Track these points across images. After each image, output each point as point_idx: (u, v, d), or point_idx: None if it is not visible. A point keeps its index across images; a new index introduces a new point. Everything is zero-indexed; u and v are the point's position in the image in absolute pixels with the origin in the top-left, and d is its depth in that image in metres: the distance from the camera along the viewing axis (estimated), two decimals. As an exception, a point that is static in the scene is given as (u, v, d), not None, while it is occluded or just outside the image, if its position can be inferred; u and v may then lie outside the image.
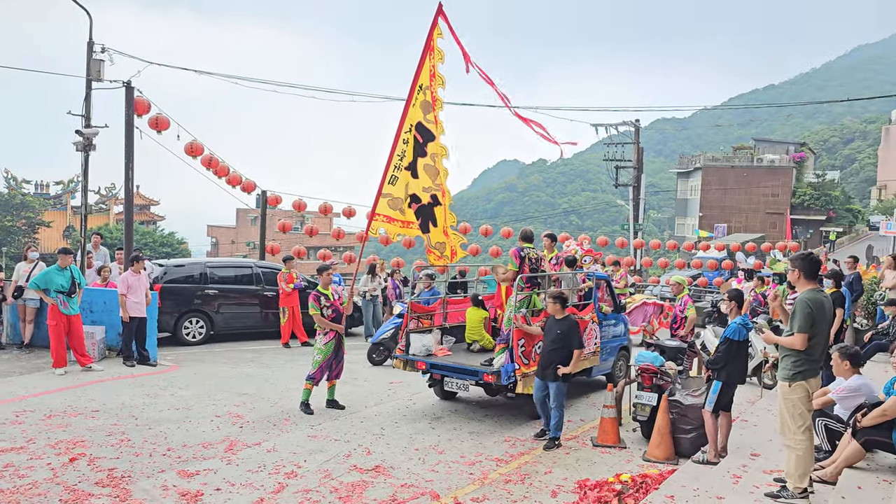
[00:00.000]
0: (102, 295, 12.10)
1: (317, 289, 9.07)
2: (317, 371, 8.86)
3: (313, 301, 8.87)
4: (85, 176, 13.78)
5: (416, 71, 8.96)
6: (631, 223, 28.78)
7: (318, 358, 8.86)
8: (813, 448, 5.37)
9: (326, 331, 8.87)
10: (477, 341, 9.78)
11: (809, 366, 5.33)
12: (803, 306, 5.27)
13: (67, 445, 7.09)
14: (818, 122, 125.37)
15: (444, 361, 9.06)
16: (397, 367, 9.47)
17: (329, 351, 8.84)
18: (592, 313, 9.79)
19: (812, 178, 65.39)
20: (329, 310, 8.90)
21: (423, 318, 9.90)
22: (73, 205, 46.18)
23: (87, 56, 13.35)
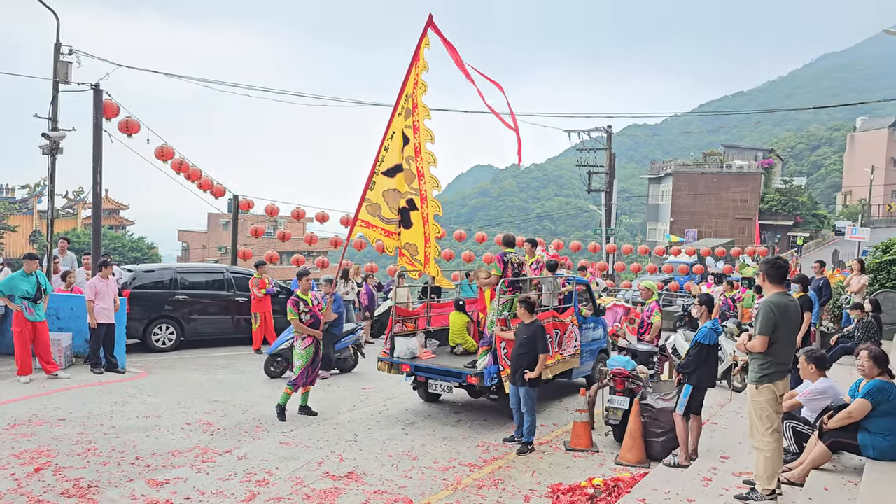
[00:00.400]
0: (69, 301, 11.88)
1: (296, 294, 8.99)
2: (299, 376, 8.77)
3: (292, 306, 8.81)
4: (51, 180, 13.53)
5: (404, 80, 8.96)
6: (603, 228, 29.03)
7: (299, 364, 8.78)
8: (781, 450, 5.45)
9: (304, 336, 8.80)
10: (460, 344, 9.95)
11: (776, 368, 5.41)
12: (766, 310, 5.39)
13: (32, 455, 6.94)
14: (785, 128, 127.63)
15: (429, 364, 9.24)
16: (382, 370, 9.52)
17: (309, 356, 8.77)
18: (573, 317, 9.94)
19: (780, 183, 66.50)
20: (307, 315, 8.83)
21: (407, 322, 10.02)
22: (39, 209, 45.28)
23: (55, 58, 13.12)
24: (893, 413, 5.59)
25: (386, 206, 9.16)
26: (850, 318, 11.96)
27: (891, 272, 14.90)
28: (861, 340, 10.41)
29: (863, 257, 17.34)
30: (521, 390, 7.86)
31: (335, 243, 20.45)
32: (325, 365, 10.89)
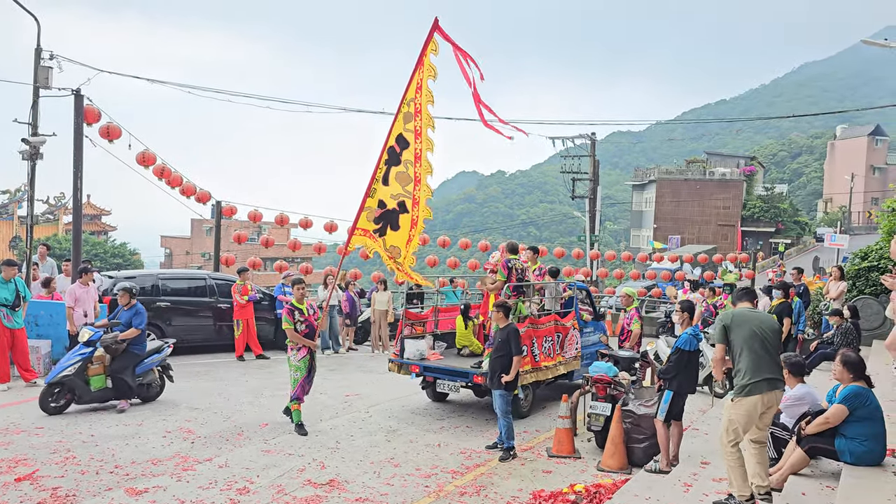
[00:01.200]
0: (48, 308, 11.75)
1: (291, 302, 8.70)
2: (298, 389, 8.52)
3: (287, 315, 8.51)
4: (31, 185, 13.41)
5: (407, 85, 8.88)
6: (587, 234, 29.16)
7: (296, 376, 8.51)
8: (742, 461, 5.42)
9: (299, 347, 8.52)
10: (466, 346, 10.42)
11: (753, 380, 5.35)
12: (719, 318, 5.47)
13: (9, 464, 6.86)
14: (767, 136, 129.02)
15: (437, 364, 9.71)
16: (393, 371, 9.99)
17: (305, 367, 8.51)
18: (574, 321, 10.46)
19: (761, 191, 67.21)
20: (303, 325, 8.54)
21: (416, 325, 10.59)
22: (19, 214, 44.73)
23: (35, 63, 13.02)
24: (870, 418, 5.66)
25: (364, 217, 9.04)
26: (830, 324, 12.10)
27: (869, 279, 15.09)
28: (840, 346, 10.53)
29: (842, 264, 17.55)
30: (495, 394, 7.93)
31: (319, 249, 20.38)
32: (123, 393, 9.30)
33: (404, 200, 9.13)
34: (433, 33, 8.80)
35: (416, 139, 9.02)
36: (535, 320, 9.67)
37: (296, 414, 8.57)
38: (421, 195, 9.11)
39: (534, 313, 9.73)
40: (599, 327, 12.00)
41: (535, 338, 9.55)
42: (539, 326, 9.72)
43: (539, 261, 11.19)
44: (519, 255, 10.07)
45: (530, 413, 9.99)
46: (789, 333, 10.98)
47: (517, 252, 9.97)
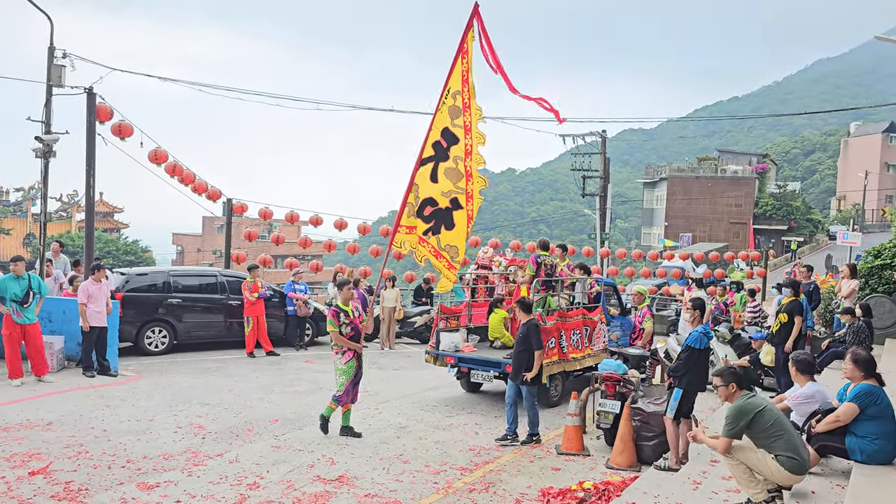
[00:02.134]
0: (62, 304, 11.87)
1: (336, 304, 8.50)
2: (343, 393, 8.24)
3: (332, 317, 8.29)
4: (44, 183, 13.53)
5: (448, 75, 8.71)
6: (598, 232, 29.07)
7: (342, 379, 8.25)
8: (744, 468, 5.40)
9: (344, 350, 8.27)
10: (498, 339, 10.93)
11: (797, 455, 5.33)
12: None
13: (23, 458, 6.93)
14: (780, 133, 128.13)
15: (471, 355, 10.36)
16: (429, 362, 10.57)
17: (352, 370, 8.26)
18: (601, 315, 10.97)
19: (774, 188, 66.79)
20: (348, 327, 8.25)
21: (450, 319, 11.28)
22: (33, 212, 45.14)
23: (48, 61, 13.12)
24: (880, 417, 5.63)
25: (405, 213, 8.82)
26: (842, 322, 12.02)
27: (882, 277, 14.99)
28: (852, 345, 10.46)
29: (856, 262, 17.43)
30: (522, 389, 8.29)
31: (329, 247, 20.44)
32: None
33: (457, 197, 8.93)
34: (472, 20, 8.60)
35: (465, 135, 8.89)
36: (564, 314, 10.15)
37: (327, 409, 8.33)
38: (474, 188, 9.01)
39: (562, 307, 10.23)
40: (626, 322, 12.37)
41: (564, 330, 10.05)
42: (568, 320, 10.19)
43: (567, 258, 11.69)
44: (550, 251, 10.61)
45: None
46: (800, 332, 10.92)
47: (548, 249, 10.57)
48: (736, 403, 5.41)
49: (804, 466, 5.29)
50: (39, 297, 10.55)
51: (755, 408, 5.31)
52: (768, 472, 5.29)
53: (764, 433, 5.28)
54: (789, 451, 5.23)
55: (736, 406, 5.38)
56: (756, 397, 5.47)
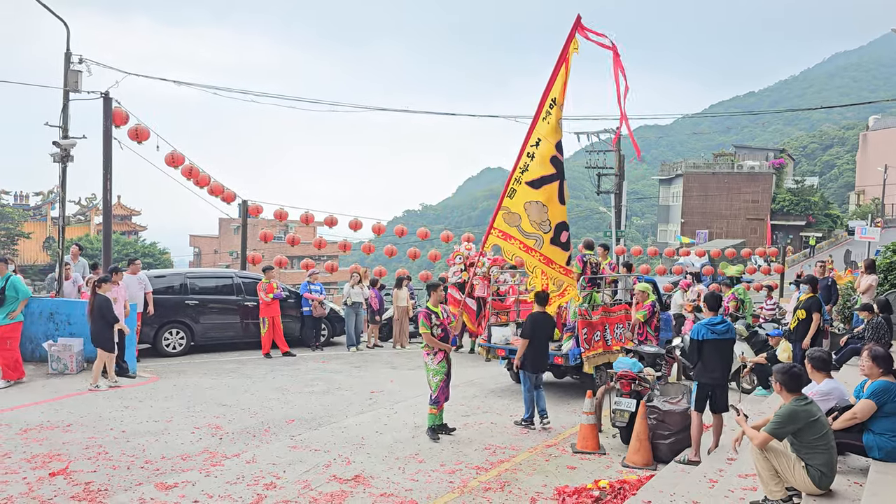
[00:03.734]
0: (81, 307, 11.99)
1: (427, 306, 8.54)
2: (439, 393, 8.31)
3: (424, 319, 8.37)
4: (63, 187, 13.66)
5: (548, 84, 8.59)
6: (613, 230, 28.96)
7: (435, 380, 8.30)
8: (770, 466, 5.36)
9: (435, 350, 8.34)
10: None
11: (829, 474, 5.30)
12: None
13: (44, 459, 7.03)
14: (797, 128, 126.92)
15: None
16: (481, 354, 11.34)
17: (444, 371, 8.32)
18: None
19: (791, 184, 66.13)
20: (439, 328, 8.36)
21: (501, 314, 11.97)
22: (52, 216, 45.73)
23: (65, 67, 13.25)
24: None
25: (527, 219, 8.70)
26: (860, 318, 11.89)
27: (902, 272, 14.79)
28: (870, 342, 10.35)
29: (875, 257, 17.23)
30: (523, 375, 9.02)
31: (344, 247, 20.50)
32: None
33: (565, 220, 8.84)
34: (574, 32, 8.50)
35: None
36: (609, 308, 10.79)
37: (430, 418, 8.39)
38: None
39: (606, 303, 10.85)
40: (665, 318, 12.93)
41: (608, 324, 10.66)
42: (611, 314, 10.80)
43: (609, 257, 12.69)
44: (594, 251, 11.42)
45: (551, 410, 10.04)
46: (819, 328, 10.83)
47: (592, 248, 11.41)
48: (789, 405, 5.30)
49: (831, 483, 5.26)
50: (20, 300, 10.55)
51: (809, 416, 5.24)
52: (792, 478, 5.25)
53: (809, 444, 5.22)
54: (825, 466, 5.19)
55: (790, 408, 5.28)
56: (812, 405, 5.35)
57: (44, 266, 39.78)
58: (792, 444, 5.33)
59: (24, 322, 12.00)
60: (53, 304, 12.30)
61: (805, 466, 5.20)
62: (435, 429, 8.37)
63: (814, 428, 5.22)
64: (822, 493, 5.22)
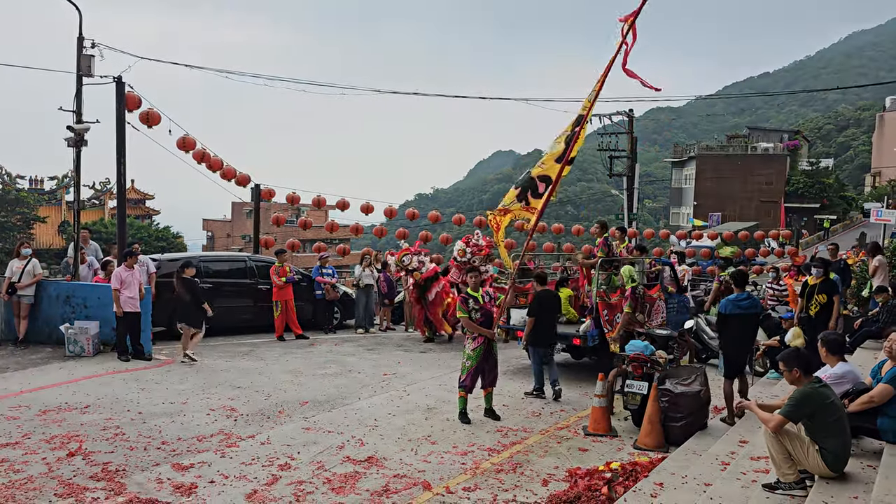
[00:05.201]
0: (97, 290, 12.13)
1: (466, 291, 8.51)
2: (467, 378, 8.29)
3: (461, 304, 8.36)
4: (77, 171, 13.76)
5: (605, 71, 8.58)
6: (625, 212, 28.81)
7: (467, 364, 8.31)
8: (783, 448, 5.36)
9: (474, 335, 8.32)
10: (564, 315, 11.57)
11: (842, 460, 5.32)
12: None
13: (62, 440, 7.14)
14: (812, 109, 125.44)
15: None
16: (500, 336, 11.02)
17: (478, 356, 8.29)
18: (659, 292, 11.71)
19: (806, 165, 65.52)
20: (478, 313, 8.31)
21: (520, 297, 12.12)
22: (67, 200, 46.02)
23: (78, 52, 13.29)
24: (913, 397, 5.55)
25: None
26: (876, 301, 11.81)
27: (918, 255, 14.65)
28: (886, 324, 10.29)
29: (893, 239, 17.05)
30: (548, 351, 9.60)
31: (356, 230, 20.56)
32: None
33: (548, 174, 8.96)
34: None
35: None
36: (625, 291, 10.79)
37: (460, 401, 8.40)
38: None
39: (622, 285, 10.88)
40: (683, 300, 12.99)
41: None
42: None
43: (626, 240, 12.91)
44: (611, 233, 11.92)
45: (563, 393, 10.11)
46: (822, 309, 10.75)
47: (607, 228, 12.07)
48: (804, 389, 5.29)
49: (844, 466, 5.25)
50: None
51: (824, 399, 5.23)
52: (805, 461, 5.25)
53: (824, 427, 5.21)
54: (839, 449, 5.18)
55: (804, 392, 5.27)
56: (826, 387, 5.35)
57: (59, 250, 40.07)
58: (806, 427, 5.33)
59: (42, 305, 12.18)
60: (70, 288, 12.43)
61: (819, 449, 5.20)
62: (463, 412, 8.39)
63: (828, 411, 5.21)
64: (835, 476, 5.22)
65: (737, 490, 5.54)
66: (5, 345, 12.11)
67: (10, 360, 11.05)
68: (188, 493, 5.91)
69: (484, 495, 6.06)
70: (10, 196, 42.20)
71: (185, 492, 5.92)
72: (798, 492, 5.25)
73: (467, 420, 8.33)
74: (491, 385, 8.56)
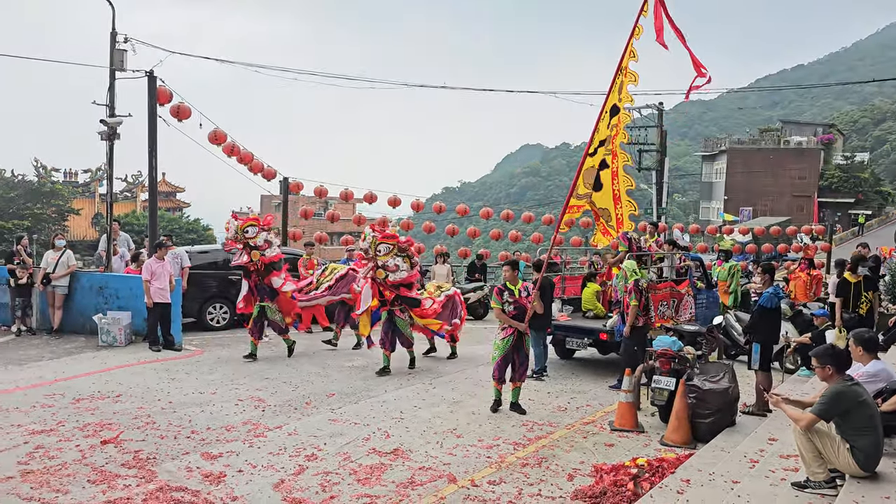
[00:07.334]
0: (128, 281, 12.35)
1: (504, 283, 8.59)
2: (495, 369, 8.44)
3: (495, 295, 8.47)
4: (110, 164, 14.01)
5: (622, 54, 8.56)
6: (654, 207, 28.54)
7: (495, 354, 8.48)
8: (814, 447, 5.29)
9: (504, 326, 8.46)
10: (591, 310, 11.89)
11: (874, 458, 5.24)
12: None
13: (95, 428, 7.29)
14: (848, 102, 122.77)
15: (566, 323, 11.35)
16: None
17: (505, 348, 8.37)
18: (688, 288, 11.48)
19: (841, 160, 64.26)
20: (511, 305, 8.39)
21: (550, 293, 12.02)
22: (100, 192, 46.82)
23: (111, 46, 13.51)
24: (949, 397, 5.43)
25: (582, 184, 8.88)
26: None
27: (956, 251, 14.32)
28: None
29: None
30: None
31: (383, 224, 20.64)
32: None
33: (604, 157, 8.94)
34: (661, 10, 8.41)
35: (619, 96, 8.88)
36: (654, 285, 10.62)
37: (495, 391, 8.54)
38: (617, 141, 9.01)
39: (652, 279, 10.71)
40: (712, 295, 12.96)
41: (653, 301, 10.49)
42: (657, 291, 10.63)
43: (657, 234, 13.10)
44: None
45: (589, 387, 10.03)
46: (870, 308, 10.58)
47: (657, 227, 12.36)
48: (836, 386, 5.21)
49: (876, 465, 5.17)
50: None
51: (857, 397, 5.15)
52: (836, 460, 5.17)
53: (856, 425, 5.13)
54: (870, 448, 5.10)
55: (836, 389, 5.19)
56: (858, 385, 5.27)
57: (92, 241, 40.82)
58: (837, 426, 5.25)
59: (75, 295, 12.43)
60: (103, 279, 12.68)
61: (850, 448, 5.12)
62: (497, 401, 8.58)
63: (860, 409, 5.12)
64: (866, 475, 5.14)
65: (765, 488, 5.47)
66: (40, 334, 12.40)
67: (45, 349, 11.30)
68: (217, 481, 6.00)
69: (509, 489, 6.06)
70: (46, 188, 43.06)
71: (213, 480, 6.01)
72: (828, 491, 5.17)
73: (495, 409, 8.48)
74: (520, 380, 8.59)
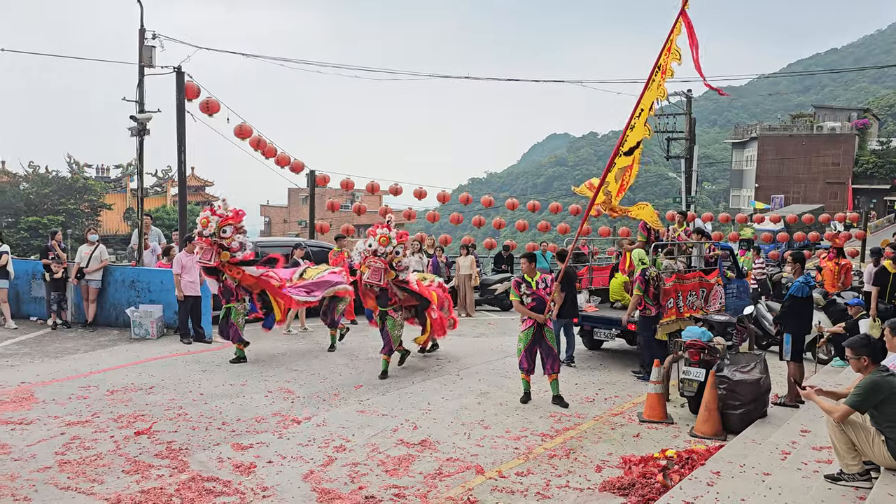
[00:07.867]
0: (160, 275, 12.53)
1: (522, 275, 8.66)
2: (521, 359, 8.50)
3: (514, 287, 8.59)
4: (140, 160, 14.21)
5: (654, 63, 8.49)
6: (683, 196, 28.25)
7: (519, 346, 8.56)
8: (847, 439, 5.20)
9: (524, 318, 8.54)
10: (619, 300, 11.62)
11: None
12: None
13: (129, 419, 7.43)
14: (884, 86, 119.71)
15: (594, 314, 11.29)
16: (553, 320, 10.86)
17: (527, 339, 8.42)
18: (718, 277, 11.56)
19: (876, 145, 62.85)
20: (530, 297, 8.44)
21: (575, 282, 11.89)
22: (132, 187, 47.54)
23: (139, 43, 13.68)
24: None
25: (614, 183, 8.88)
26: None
27: None
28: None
29: None
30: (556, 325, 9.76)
31: (409, 216, 20.68)
32: None
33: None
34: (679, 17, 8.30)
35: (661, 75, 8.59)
36: (682, 275, 10.57)
37: (524, 383, 8.64)
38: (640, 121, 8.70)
39: (680, 269, 10.67)
40: (743, 285, 12.84)
41: (681, 291, 10.47)
42: (685, 282, 10.61)
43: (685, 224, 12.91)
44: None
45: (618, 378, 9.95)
46: None
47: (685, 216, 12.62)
48: (871, 377, 5.14)
49: None
50: None
51: (892, 388, 5.06)
52: (871, 452, 5.09)
53: (891, 417, 5.05)
54: None
55: (872, 380, 5.12)
56: (894, 376, 5.18)
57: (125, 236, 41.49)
58: (872, 417, 5.15)
59: (109, 289, 12.65)
60: (135, 273, 12.89)
61: (885, 440, 5.03)
62: (526, 393, 8.62)
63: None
64: None
65: (797, 480, 5.41)
66: (75, 327, 12.65)
67: (79, 342, 11.53)
68: (247, 472, 6.08)
69: (536, 480, 6.06)
70: (79, 184, 43.80)
71: (244, 471, 6.09)
72: (862, 483, 5.09)
73: (525, 401, 8.52)
74: (554, 371, 8.51)
